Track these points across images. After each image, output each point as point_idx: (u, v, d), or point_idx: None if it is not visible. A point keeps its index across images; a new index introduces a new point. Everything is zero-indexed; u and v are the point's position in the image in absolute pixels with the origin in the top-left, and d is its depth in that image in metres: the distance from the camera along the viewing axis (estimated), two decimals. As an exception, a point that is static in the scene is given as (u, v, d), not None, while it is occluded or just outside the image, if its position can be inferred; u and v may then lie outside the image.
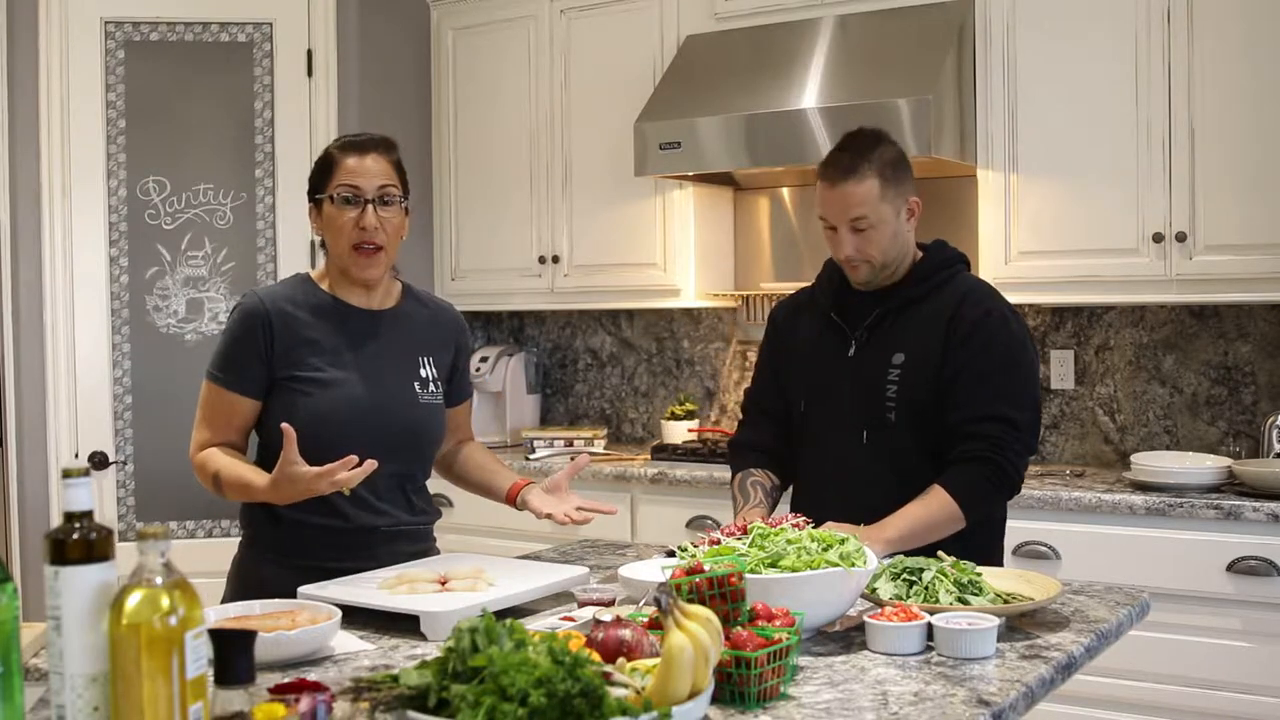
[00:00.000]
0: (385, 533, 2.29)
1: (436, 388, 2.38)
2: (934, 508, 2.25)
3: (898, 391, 2.34)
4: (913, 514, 2.24)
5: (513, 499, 2.42)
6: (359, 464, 2.05)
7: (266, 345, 2.24)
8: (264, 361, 2.24)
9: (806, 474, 2.49)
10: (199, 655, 1.23)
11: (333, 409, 2.22)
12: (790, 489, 2.54)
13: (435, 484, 4.31)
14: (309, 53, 4.21)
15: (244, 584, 2.31)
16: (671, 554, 2.10)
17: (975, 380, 2.30)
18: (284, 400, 2.23)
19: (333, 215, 2.26)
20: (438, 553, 2.41)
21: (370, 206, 2.25)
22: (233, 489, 2.23)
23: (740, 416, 2.64)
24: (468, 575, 2.06)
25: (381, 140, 2.33)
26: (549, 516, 2.30)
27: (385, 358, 2.33)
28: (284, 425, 2.08)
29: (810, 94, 3.64)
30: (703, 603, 1.59)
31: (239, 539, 2.41)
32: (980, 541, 2.32)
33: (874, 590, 1.92)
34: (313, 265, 4.21)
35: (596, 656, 1.42)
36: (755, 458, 2.52)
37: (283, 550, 2.27)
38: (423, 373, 2.37)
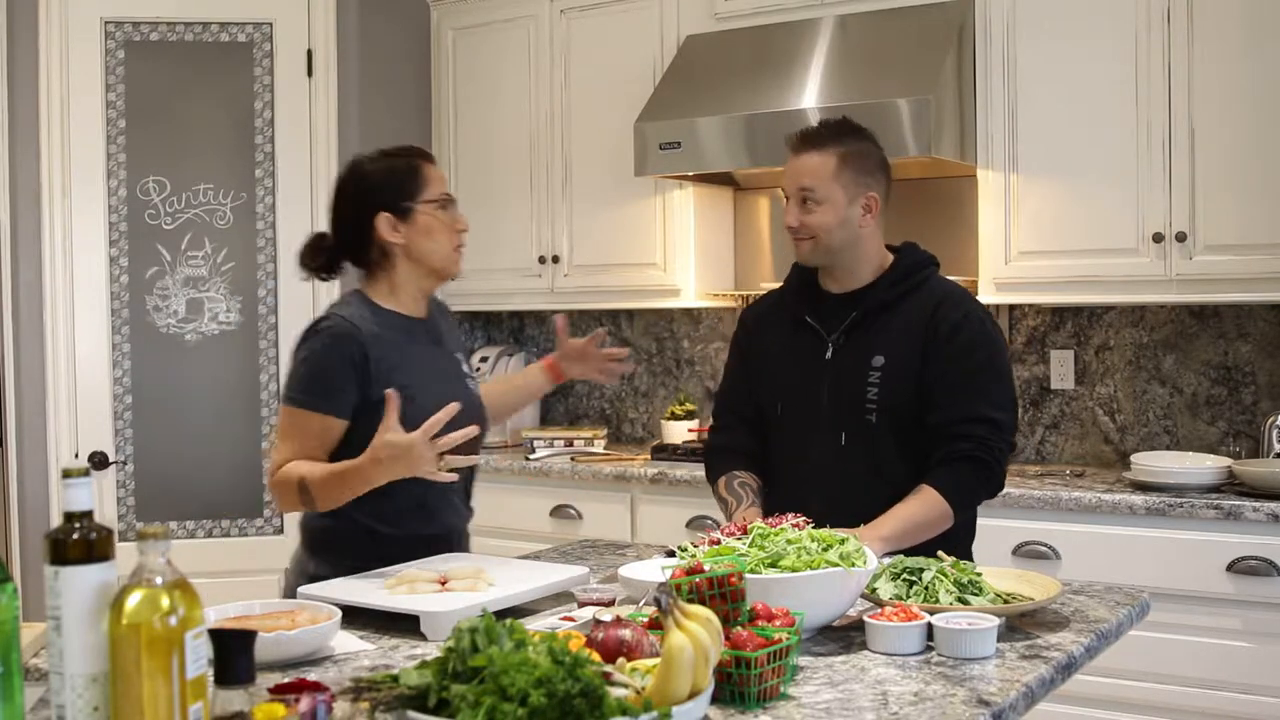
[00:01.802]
0: (461, 531, 2.40)
1: (475, 378, 2.50)
2: (925, 506, 2.27)
3: (878, 394, 2.36)
4: (904, 513, 2.25)
5: (558, 376, 2.64)
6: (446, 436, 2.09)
7: (362, 367, 2.24)
8: (358, 384, 2.24)
9: (784, 476, 2.48)
10: (199, 655, 1.23)
11: (424, 420, 2.13)
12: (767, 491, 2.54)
13: (435, 484, 4.32)
14: (309, 53, 4.21)
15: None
16: (671, 554, 2.10)
17: (958, 382, 2.33)
18: (376, 418, 2.13)
19: (434, 221, 2.32)
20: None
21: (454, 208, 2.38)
22: (324, 486, 2.18)
23: (713, 421, 2.65)
24: (468, 575, 2.06)
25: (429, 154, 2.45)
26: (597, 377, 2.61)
27: (446, 361, 2.42)
28: (388, 391, 2.09)
29: (810, 94, 3.64)
30: (703, 603, 1.59)
31: (296, 541, 2.42)
32: (955, 543, 2.31)
33: (874, 590, 1.92)
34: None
35: (596, 656, 1.42)
36: (735, 460, 2.53)
37: (351, 555, 2.24)
38: (465, 368, 2.48)
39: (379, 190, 2.32)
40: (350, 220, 2.34)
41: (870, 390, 2.36)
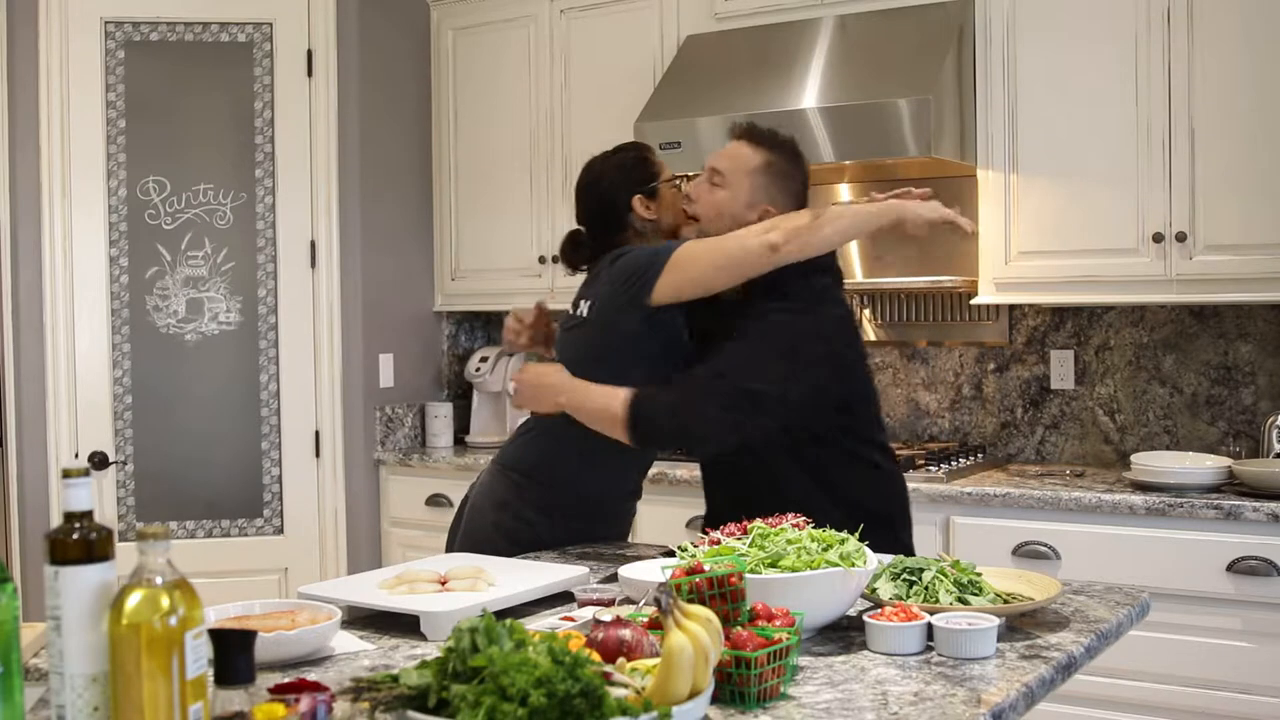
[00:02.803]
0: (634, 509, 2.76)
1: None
2: (605, 397, 2.36)
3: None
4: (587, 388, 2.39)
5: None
6: None
7: None
8: None
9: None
10: (199, 655, 1.23)
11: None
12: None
13: (435, 484, 4.33)
14: (309, 53, 4.21)
15: (520, 525, 2.55)
16: (671, 554, 2.10)
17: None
18: None
19: (674, 196, 2.62)
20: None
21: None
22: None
23: None
24: (468, 575, 2.06)
25: None
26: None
27: None
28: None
29: (810, 94, 3.64)
30: (703, 603, 1.59)
31: (503, 481, 2.62)
32: (885, 529, 2.31)
33: (874, 590, 1.92)
34: (313, 265, 4.22)
35: (596, 656, 1.42)
36: None
37: (561, 508, 2.55)
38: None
39: (629, 179, 2.61)
40: (608, 208, 2.62)
41: None
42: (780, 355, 2.32)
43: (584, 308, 2.53)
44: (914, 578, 1.93)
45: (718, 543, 1.92)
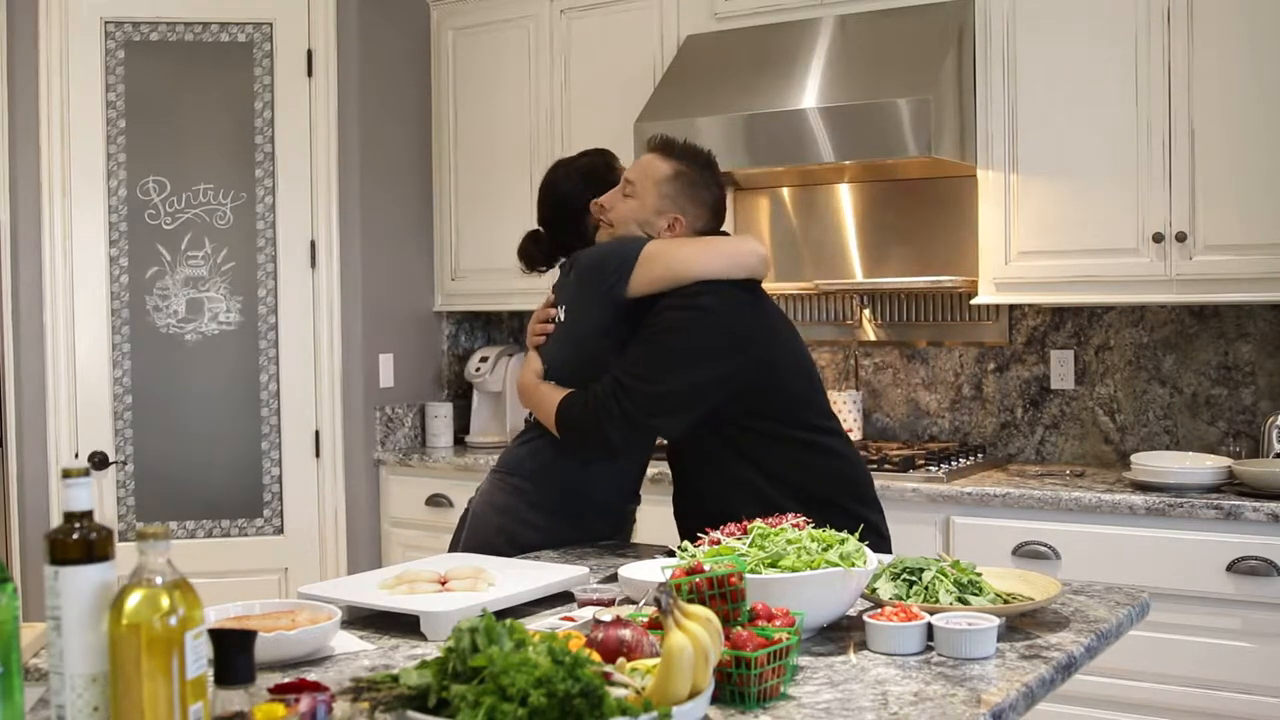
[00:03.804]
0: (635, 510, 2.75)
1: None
2: (554, 394, 2.43)
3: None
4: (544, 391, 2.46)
5: None
6: None
7: None
8: None
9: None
10: (199, 655, 1.23)
11: None
12: None
13: (435, 484, 4.33)
14: (309, 53, 4.21)
15: (519, 527, 2.55)
16: (671, 554, 2.10)
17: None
18: None
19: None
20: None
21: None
22: None
23: None
24: (468, 575, 2.06)
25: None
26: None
27: None
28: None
29: (810, 94, 3.64)
30: (703, 603, 1.59)
31: (502, 486, 2.63)
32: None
33: (874, 590, 1.92)
34: (313, 265, 4.22)
35: (596, 656, 1.42)
36: None
37: (562, 510, 2.56)
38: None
39: (588, 184, 2.66)
40: (565, 210, 2.69)
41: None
42: (676, 351, 2.36)
43: (559, 312, 2.58)
44: (914, 578, 1.93)
45: (718, 543, 1.92)
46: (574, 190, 2.68)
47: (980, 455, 3.81)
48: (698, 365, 2.36)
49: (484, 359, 4.61)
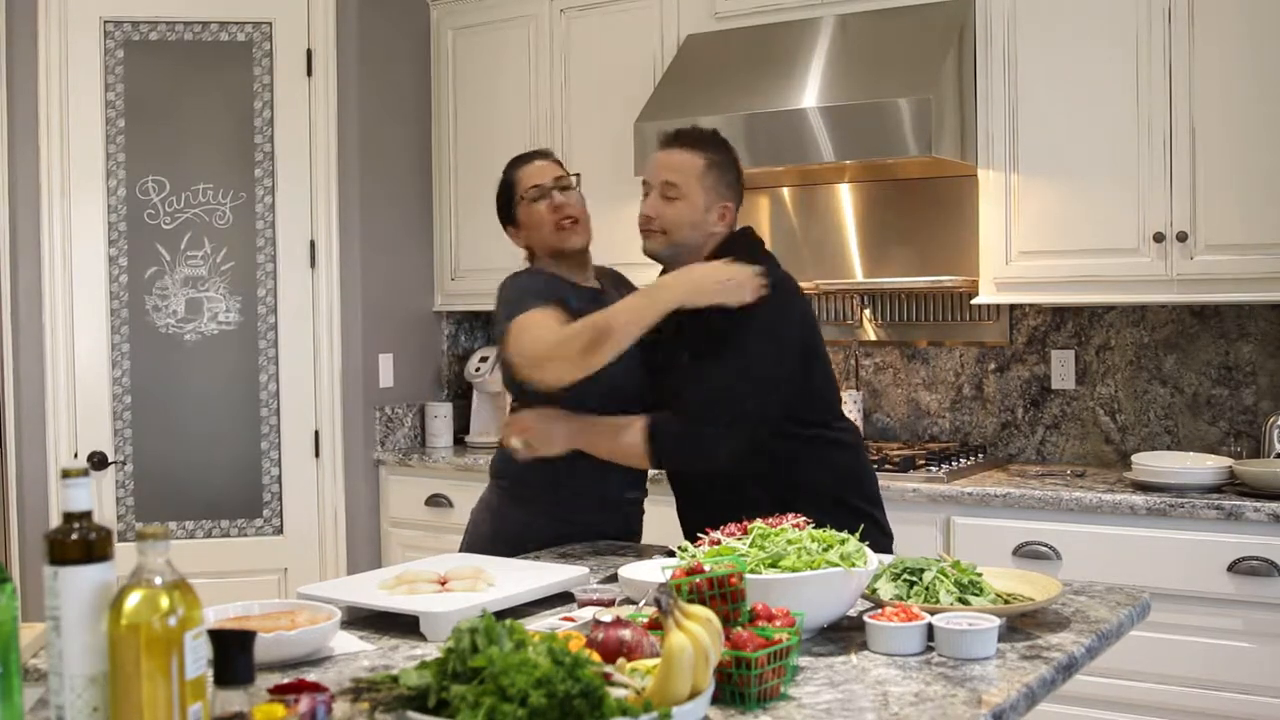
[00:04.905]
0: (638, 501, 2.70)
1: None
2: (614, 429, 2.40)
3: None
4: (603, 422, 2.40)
5: None
6: None
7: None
8: None
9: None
10: (199, 655, 1.23)
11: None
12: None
13: (434, 484, 4.32)
14: (309, 53, 4.21)
15: (505, 524, 2.57)
16: (671, 554, 2.10)
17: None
18: None
19: (530, 215, 2.63)
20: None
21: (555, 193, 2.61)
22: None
23: None
24: (468, 575, 2.06)
25: (542, 151, 2.79)
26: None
27: None
28: None
29: (810, 94, 3.64)
30: (703, 603, 1.59)
31: (493, 489, 2.67)
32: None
33: (874, 590, 1.92)
34: (313, 265, 4.22)
35: (596, 657, 1.42)
36: None
37: (555, 507, 2.56)
38: None
39: (499, 209, 2.71)
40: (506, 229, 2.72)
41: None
42: (747, 360, 2.35)
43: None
44: (914, 578, 1.93)
45: (718, 543, 1.92)
46: (498, 211, 2.73)
47: (981, 455, 3.81)
48: (784, 361, 2.42)
49: (484, 359, 4.61)
